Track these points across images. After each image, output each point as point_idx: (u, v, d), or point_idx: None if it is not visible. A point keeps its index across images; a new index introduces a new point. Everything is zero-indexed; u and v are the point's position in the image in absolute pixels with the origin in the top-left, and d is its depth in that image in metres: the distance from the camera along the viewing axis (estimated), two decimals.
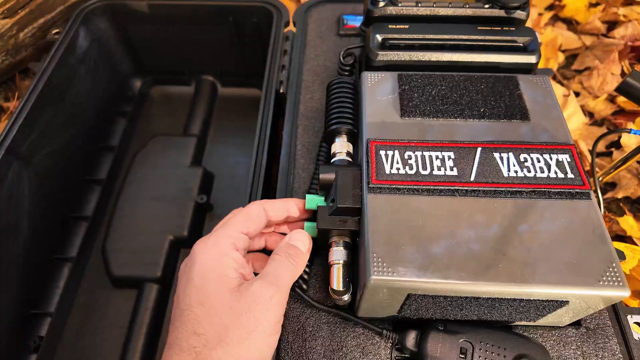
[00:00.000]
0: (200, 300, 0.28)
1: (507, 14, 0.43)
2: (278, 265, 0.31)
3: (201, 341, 0.27)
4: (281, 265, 0.31)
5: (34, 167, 0.56)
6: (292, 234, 0.34)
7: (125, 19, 0.69)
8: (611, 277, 0.28)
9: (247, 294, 0.28)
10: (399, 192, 0.32)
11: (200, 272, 0.29)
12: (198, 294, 0.28)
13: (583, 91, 0.76)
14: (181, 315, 0.28)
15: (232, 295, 0.28)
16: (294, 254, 0.32)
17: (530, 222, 0.31)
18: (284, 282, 0.30)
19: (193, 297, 0.28)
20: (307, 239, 0.34)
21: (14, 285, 0.52)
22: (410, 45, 0.41)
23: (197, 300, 0.28)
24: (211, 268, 0.29)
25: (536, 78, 0.40)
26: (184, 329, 0.28)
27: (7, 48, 0.68)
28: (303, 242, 0.33)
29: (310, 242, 0.34)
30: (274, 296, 0.29)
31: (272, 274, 0.30)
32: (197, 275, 0.29)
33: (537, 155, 0.34)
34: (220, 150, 0.73)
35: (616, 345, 0.35)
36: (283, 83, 0.55)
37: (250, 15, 0.66)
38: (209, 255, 0.30)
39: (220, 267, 0.30)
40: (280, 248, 0.33)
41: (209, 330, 0.27)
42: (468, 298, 0.29)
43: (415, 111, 0.37)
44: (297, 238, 0.33)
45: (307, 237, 0.34)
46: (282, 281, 0.30)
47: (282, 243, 0.33)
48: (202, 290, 0.29)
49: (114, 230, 0.62)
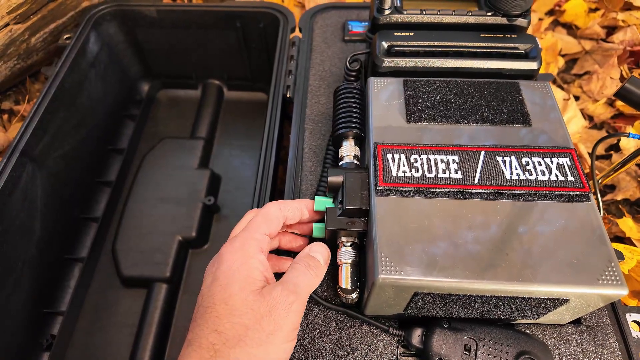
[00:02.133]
0: (224, 299, 0.29)
1: (509, 22, 0.44)
2: (299, 275, 0.32)
3: (221, 339, 0.28)
4: (302, 274, 0.32)
5: (47, 169, 0.57)
6: (312, 245, 0.35)
7: (134, 24, 0.71)
8: (610, 276, 0.30)
9: (268, 298, 0.29)
10: (406, 194, 0.33)
11: (227, 272, 0.30)
12: (222, 293, 0.29)
13: (583, 95, 0.77)
14: (204, 313, 0.29)
15: (254, 297, 0.29)
16: (314, 265, 0.33)
17: (532, 223, 0.32)
18: (303, 290, 0.31)
19: (217, 296, 0.29)
20: (326, 252, 0.35)
21: (27, 284, 0.54)
22: (416, 52, 0.43)
23: (221, 299, 0.29)
24: (237, 269, 0.30)
25: (537, 84, 0.41)
26: (205, 327, 0.29)
27: (19, 52, 0.69)
28: (322, 254, 0.34)
29: (329, 255, 0.35)
30: (293, 303, 0.30)
31: (293, 282, 0.31)
32: (223, 275, 0.30)
33: (538, 159, 0.35)
34: (227, 153, 0.75)
35: (615, 343, 0.36)
36: (290, 87, 0.56)
37: (257, 21, 0.68)
38: (237, 257, 0.31)
39: (246, 269, 0.30)
40: (301, 258, 0.34)
41: (229, 329, 0.28)
42: (472, 296, 0.31)
43: (421, 116, 0.38)
44: (317, 250, 0.34)
45: (327, 250, 0.35)
46: (301, 290, 0.31)
47: (302, 253, 0.34)
48: (226, 289, 0.29)
49: (124, 230, 0.63)
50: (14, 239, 0.51)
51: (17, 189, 0.52)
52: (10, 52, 0.68)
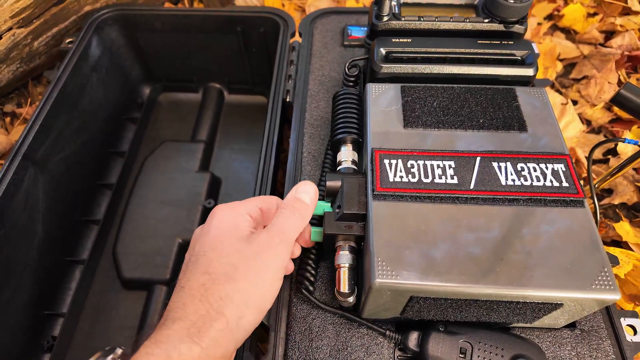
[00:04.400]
0: (213, 246, 0.31)
1: (505, 28, 0.45)
2: (285, 219, 0.33)
3: (211, 278, 0.29)
4: (288, 219, 0.33)
5: (49, 172, 0.58)
6: (298, 185, 0.36)
7: (136, 28, 0.71)
8: (603, 281, 0.30)
9: (255, 242, 0.31)
10: (402, 199, 0.34)
11: (216, 225, 0.33)
12: (212, 242, 0.32)
13: (581, 99, 0.77)
14: (195, 262, 0.31)
15: (242, 242, 0.31)
16: (300, 207, 0.34)
17: (526, 228, 0.32)
18: (288, 231, 0.33)
19: (207, 245, 0.31)
20: (312, 190, 0.36)
21: (29, 286, 0.54)
22: (413, 58, 0.43)
23: (210, 247, 0.31)
24: (226, 222, 0.33)
25: (533, 90, 0.41)
26: (196, 270, 0.30)
27: (21, 56, 0.70)
28: (309, 193, 0.35)
29: (316, 192, 0.36)
30: (279, 245, 0.32)
31: (278, 226, 0.33)
32: (213, 229, 0.32)
33: (533, 165, 0.35)
34: (227, 156, 0.75)
35: (609, 346, 0.37)
36: (290, 92, 0.57)
37: (258, 26, 0.68)
38: (226, 212, 0.34)
39: (234, 221, 0.33)
40: (287, 202, 0.35)
41: (218, 269, 0.30)
42: (467, 300, 0.31)
43: (418, 122, 0.39)
44: (303, 190, 0.36)
45: (313, 187, 0.36)
46: (287, 231, 0.33)
47: (289, 196, 0.36)
48: (215, 238, 0.32)
49: (124, 233, 0.64)
50: (16, 242, 0.52)
51: (20, 192, 0.52)
52: (14, 56, 0.69)
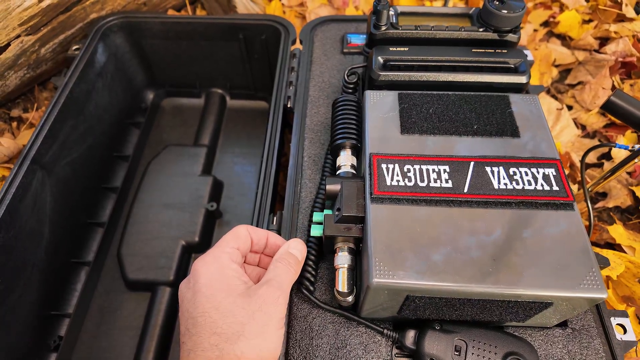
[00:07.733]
0: (214, 306, 0.31)
1: (499, 37, 0.46)
2: (281, 273, 0.35)
3: (222, 338, 0.30)
4: (284, 272, 0.35)
5: (56, 176, 0.59)
6: (290, 242, 0.38)
7: (140, 35, 0.73)
8: (591, 281, 0.31)
9: (256, 297, 0.32)
10: (399, 202, 0.35)
11: (207, 284, 0.32)
12: (210, 302, 0.31)
13: (576, 105, 0.79)
14: (196, 323, 0.31)
15: (242, 299, 0.32)
16: (293, 262, 0.36)
17: (518, 230, 0.34)
18: (286, 285, 0.34)
19: (206, 305, 0.31)
20: (303, 249, 0.38)
21: (36, 287, 0.55)
22: (410, 66, 0.45)
23: (211, 307, 0.31)
24: (217, 279, 0.32)
25: (526, 97, 0.43)
26: (203, 333, 0.30)
27: (29, 62, 0.72)
28: (300, 251, 0.38)
29: (305, 250, 0.38)
30: (279, 298, 0.33)
31: (276, 279, 0.34)
32: (204, 287, 0.32)
33: (525, 169, 0.37)
34: (229, 160, 0.77)
35: (600, 345, 0.38)
36: (290, 98, 0.58)
37: (260, 33, 0.70)
38: (211, 269, 0.33)
39: (225, 278, 0.33)
40: (280, 256, 0.36)
41: (227, 329, 0.30)
42: (462, 299, 0.32)
43: (414, 128, 0.40)
44: (295, 247, 0.37)
45: (303, 246, 0.38)
46: (284, 285, 0.34)
47: (282, 250, 0.37)
48: (213, 298, 0.31)
49: (129, 235, 0.65)
50: (24, 244, 0.53)
51: (28, 195, 0.54)
52: (21, 62, 0.71)
